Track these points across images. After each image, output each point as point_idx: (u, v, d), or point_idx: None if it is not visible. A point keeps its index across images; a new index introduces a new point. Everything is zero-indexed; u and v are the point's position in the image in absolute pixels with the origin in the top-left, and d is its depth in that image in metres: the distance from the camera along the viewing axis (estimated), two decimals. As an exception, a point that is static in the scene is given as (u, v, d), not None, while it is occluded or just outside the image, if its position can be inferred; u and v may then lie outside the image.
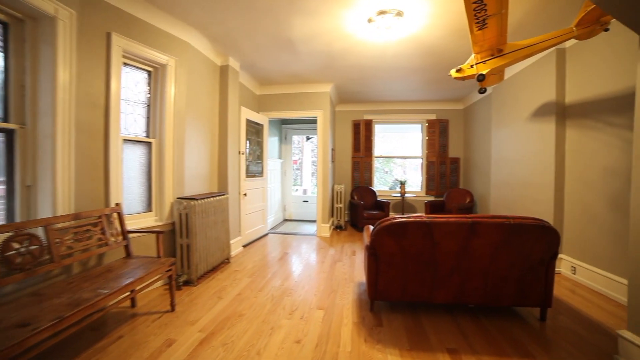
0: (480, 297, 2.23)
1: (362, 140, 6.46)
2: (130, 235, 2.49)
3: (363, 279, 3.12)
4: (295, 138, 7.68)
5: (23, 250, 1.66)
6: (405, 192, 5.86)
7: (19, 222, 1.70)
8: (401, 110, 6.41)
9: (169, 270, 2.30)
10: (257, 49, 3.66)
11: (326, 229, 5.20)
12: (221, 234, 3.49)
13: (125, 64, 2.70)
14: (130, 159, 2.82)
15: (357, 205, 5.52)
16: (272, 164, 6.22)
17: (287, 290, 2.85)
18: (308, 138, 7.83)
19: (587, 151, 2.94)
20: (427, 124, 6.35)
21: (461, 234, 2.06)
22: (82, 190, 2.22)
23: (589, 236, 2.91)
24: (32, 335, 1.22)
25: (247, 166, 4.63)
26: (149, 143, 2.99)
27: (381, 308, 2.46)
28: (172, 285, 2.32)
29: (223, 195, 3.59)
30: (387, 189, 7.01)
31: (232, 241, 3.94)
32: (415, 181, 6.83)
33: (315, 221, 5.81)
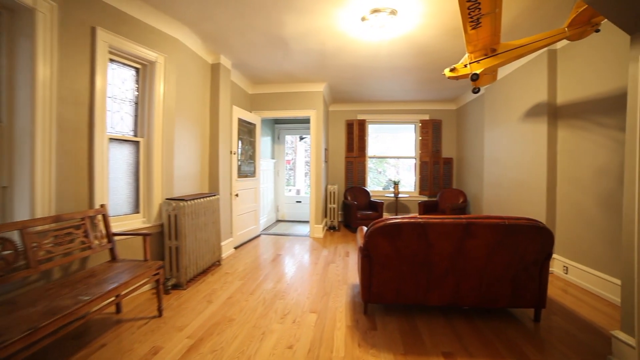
0: (475, 299, 2.21)
1: (356, 140, 6.44)
2: (116, 237, 2.40)
3: (357, 281, 3.08)
4: (288, 138, 7.61)
5: (-6, 255, 1.56)
6: (398, 193, 5.85)
7: (-10, 226, 1.60)
8: (394, 110, 6.41)
9: (157, 274, 2.22)
10: (249, 47, 3.59)
11: (319, 230, 5.15)
12: (212, 236, 3.40)
13: (111, 60, 2.60)
14: (116, 159, 2.73)
15: (351, 205, 5.49)
16: (265, 164, 6.14)
17: (279, 293, 2.79)
18: (301, 138, 7.77)
19: (578, 151, 2.96)
20: (421, 124, 6.36)
21: (456, 235, 2.04)
22: (64, 191, 2.12)
23: (581, 236, 2.93)
24: (1, 348, 1.14)
25: (239, 166, 4.55)
26: (137, 142, 2.89)
27: (375, 311, 2.42)
28: (160, 289, 2.24)
29: (214, 195, 3.51)
30: (381, 189, 7.00)
31: (223, 243, 3.86)
32: (408, 181, 6.83)
33: (308, 222, 5.75)
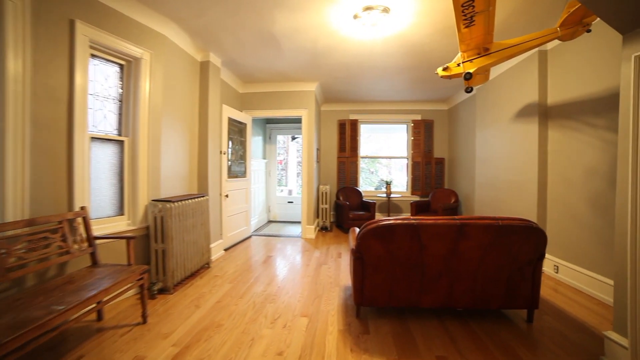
0: (468, 301, 2.18)
1: (348, 140, 6.40)
2: (98, 241, 2.29)
3: (349, 283, 3.03)
4: (280, 138, 7.53)
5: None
6: (391, 193, 5.83)
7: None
8: (387, 110, 6.40)
9: (141, 278, 2.12)
10: (239, 45, 3.51)
11: (311, 231, 5.09)
12: (200, 238, 3.31)
13: (93, 56, 2.49)
14: (99, 159, 2.61)
15: (343, 206, 5.44)
16: (256, 164, 6.05)
17: (270, 296, 2.72)
18: (293, 138, 7.69)
19: (569, 151, 2.97)
20: (413, 124, 6.36)
21: (449, 236, 2.00)
22: (41, 193, 2.00)
23: (571, 235, 2.94)
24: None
25: (229, 166, 4.46)
26: (121, 142, 2.78)
27: (368, 314, 2.38)
28: (144, 295, 2.15)
29: (203, 196, 3.42)
30: (373, 190, 6.98)
31: (213, 245, 3.76)
32: (400, 181, 6.83)
33: (300, 222, 5.69)
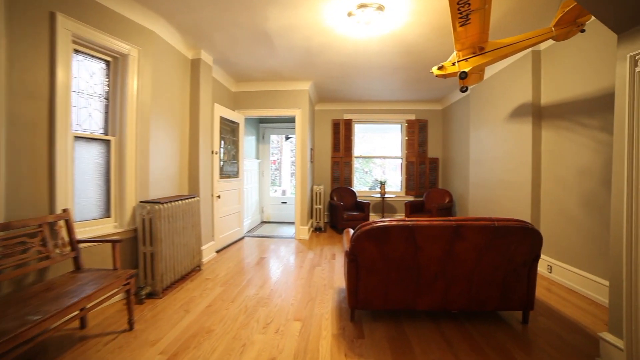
0: (464, 303, 2.15)
1: (342, 140, 6.36)
2: (82, 245, 2.19)
3: (343, 285, 2.99)
4: (273, 137, 7.44)
5: None
6: (385, 193, 5.80)
7: None
8: (381, 110, 6.37)
9: (127, 283, 2.04)
10: (231, 42, 3.43)
11: (305, 231, 5.03)
12: (191, 240, 3.22)
13: (77, 51, 2.39)
14: (84, 159, 2.51)
15: (337, 206, 5.40)
16: (249, 164, 5.96)
17: (262, 299, 2.66)
18: (287, 137, 7.62)
19: (562, 151, 2.98)
20: (407, 124, 6.35)
21: (445, 238, 1.97)
22: (18, 195, 1.90)
23: (564, 235, 2.94)
24: None
25: (221, 167, 4.37)
26: (108, 141, 2.69)
27: (362, 317, 2.33)
28: (130, 300, 2.06)
29: (193, 197, 3.33)
30: (367, 190, 6.95)
31: (204, 247, 3.67)
32: (395, 181, 6.82)
33: (294, 223, 5.62)
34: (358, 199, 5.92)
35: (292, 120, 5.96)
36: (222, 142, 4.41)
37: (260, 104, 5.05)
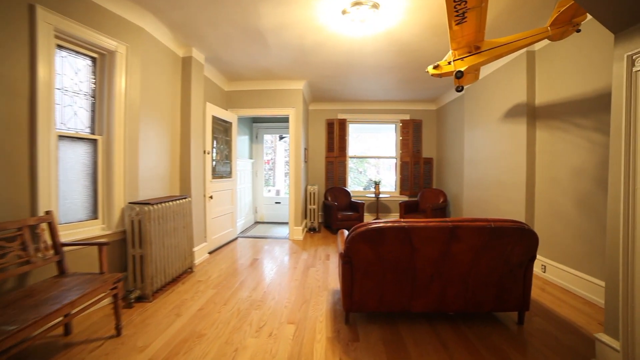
0: (460, 304, 2.13)
1: (336, 139, 6.32)
2: (66, 248, 2.11)
3: (337, 286, 2.95)
4: (267, 137, 7.36)
5: None
6: (379, 193, 5.79)
7: None
8: (375, 110, 6.35)
9: (114, 287, 1.97)
10: (224, 40, 3.36)
11: (299, 232, 4.98)
12: (182, 241, 3.15)
13: (60, 47, 2.30)
14: (69, 159, 2.42)
15: (331, 206, 5.36)
16: (242, 164, 5.88)
17: (255, 302, 2.60)
18: (281, 137, 7.55)
19: (556, 152, 2.98)
20: (401, 124, 6.34)
21: (441, 239, 1.94)
22: (-3, 197, 1.81)
23: (559, 235, 2.95)
24: None
25: (214, 167, 4.29)
26: (94, 140, 2.60)
27: (357, 319, 2.29)
28: (118, 305, 1.99)
29: (185, 198, 3.25)
30: (362, 190, 6.93)
31: (196, 248, 3.60)
32: (389, 181, 6.81)
33: (288, 223, 5.57)
34: (352, 199, 5.89)
35: (286, 119, 5.90)
36: (215, 142, 4.33)
37: (253, 104, 4.98)
